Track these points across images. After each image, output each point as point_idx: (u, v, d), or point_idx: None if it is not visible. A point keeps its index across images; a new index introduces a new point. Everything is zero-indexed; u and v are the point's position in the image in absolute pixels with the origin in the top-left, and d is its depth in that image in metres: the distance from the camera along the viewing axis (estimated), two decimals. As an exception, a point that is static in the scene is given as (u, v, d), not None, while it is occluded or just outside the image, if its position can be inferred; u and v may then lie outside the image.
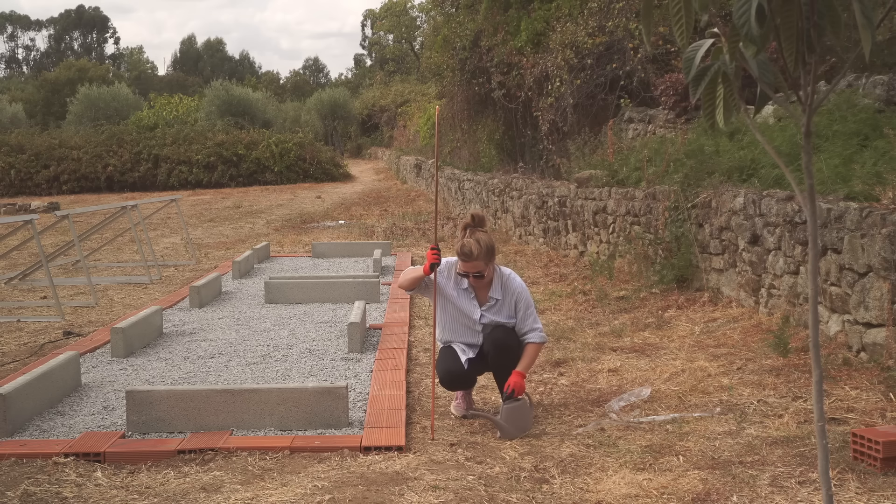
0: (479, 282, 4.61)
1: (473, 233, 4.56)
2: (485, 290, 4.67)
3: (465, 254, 4.50)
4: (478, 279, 4.59)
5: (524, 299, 4.68)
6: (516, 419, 4.42)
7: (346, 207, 19.63)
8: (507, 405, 4.42)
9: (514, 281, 4.71)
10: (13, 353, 6.54)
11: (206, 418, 4.43)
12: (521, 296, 4.68)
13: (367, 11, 67.37)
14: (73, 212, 9.60)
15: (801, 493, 3.50)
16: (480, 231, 4.59)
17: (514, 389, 4.46)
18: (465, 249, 4.50)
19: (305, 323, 7.22)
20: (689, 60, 2.16)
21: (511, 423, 4.40)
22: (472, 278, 4.58)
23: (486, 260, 4.53)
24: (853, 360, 5.06)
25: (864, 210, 5.11)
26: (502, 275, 4.70)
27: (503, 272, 4.71)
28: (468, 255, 4.50)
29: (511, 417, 4.41)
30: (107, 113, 40.87)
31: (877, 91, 7.85)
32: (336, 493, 3.57)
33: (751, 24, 1.94)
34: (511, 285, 4.68)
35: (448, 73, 16.89)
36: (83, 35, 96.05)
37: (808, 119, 2.19)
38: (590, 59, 12.35)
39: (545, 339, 4.74)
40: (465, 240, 4.54)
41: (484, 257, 4.51)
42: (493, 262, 4.62)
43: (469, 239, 4.53)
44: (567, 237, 10.58)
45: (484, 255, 4.51)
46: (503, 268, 4.75)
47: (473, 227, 4.59)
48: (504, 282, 4.67)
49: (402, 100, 38.86)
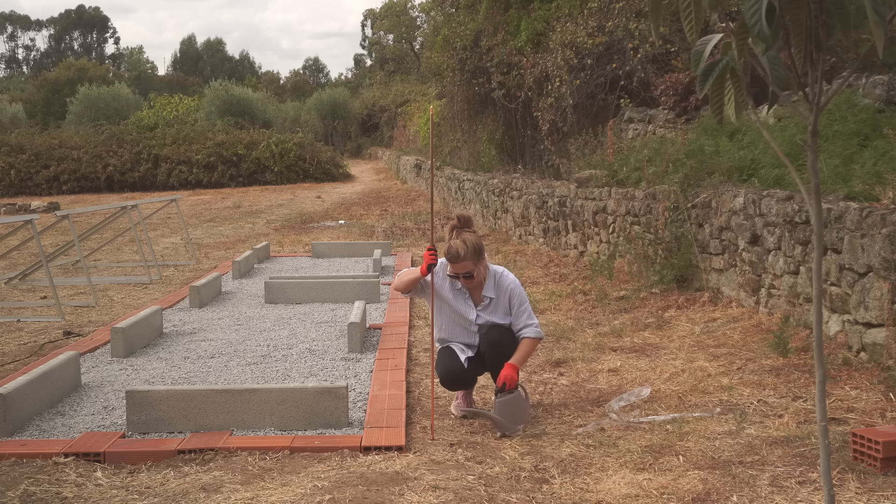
0: (470, 282, 4.61)
1: (460, 234, 4.57)
2: (478, 290, 4.68)
3: (453, 255, 4.51)
4: (468, 280, 4.59)
5: (518, 295, 4.68)
6: (511, 412, 4.42)
7: (346, 207, 19.63)
8: (499, 398, 4.43)
9: (507, 278, 4.71)
10: (13, 353, 6.54)
11: (206, 418, 4.43)
12: (515, 292, 4.68)
13: (368, 11, 67.40)
14: (73, 212, 9.61)
15: (801, 493, 3.50)
16: (468, 232, 4.59)
17: (505, 382, 4.45)
18: (452, 251, 4.51)
19: (305, 323, 7.22)
20: (697, 54, 2.16)
21: (506, 416, 4.40)
22: (463, 279, 4.59)
23: (475, 260, 4.53)
24: (853, 360, 5.06)
25: (864, 210, 5.11)
26: (495, 273, 4.70)
27: (496, 270, 4.72)
28: (455, 257, 4.51)
29: (505, 411, 4.41)
30: (107, 113, 40.89)
31: (877, 91, 7.85)
32: (336, 493, 3.57)
33: (761, 21, 1.94)
34: (504, 282, 4.68)
35: (448, 73, 16.89)
36: (83, 35, 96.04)
37: (815, 118, 2.18)
38: (590, 59, 12.35)
39: (541, 334, 4.72)
40: (452, 241, 4.55)
41: (472, 257, 4.51)
42: (482, 261, 4.61)
43: (456, 241, 4.54)
44: (567, 237, 10.58)
45: (472, 255, 4.51)
46: (496, 266, 4.76)
47: (460, 228, 4.61)
48: (497, 280, 4.68)
49: (402, 100, 38.85)
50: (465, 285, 4.64)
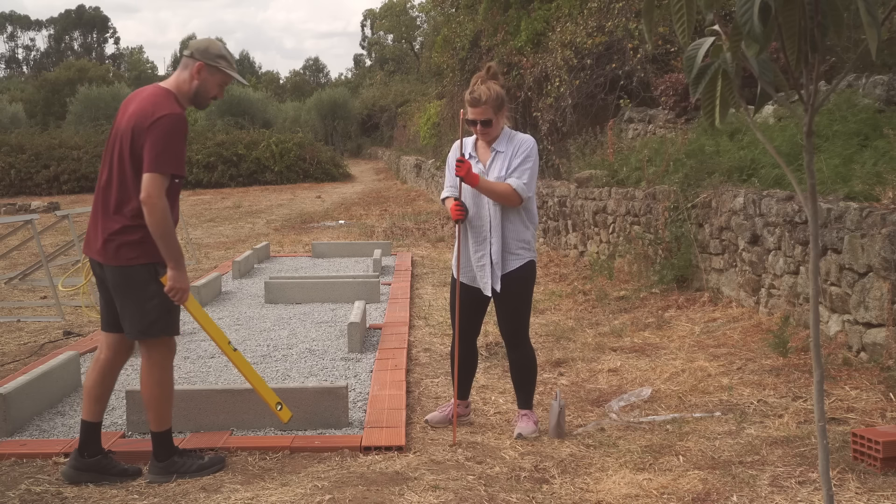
0: (486, 132, 4.36)
1: (486, 82, 4.35)
2: (488, 150, 4.43)
3: (475, 98, 4.29)
4: (486, 128, 4.34)
5: (525, 151, 4.34)
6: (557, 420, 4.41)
7: (346, 207, 19.63)
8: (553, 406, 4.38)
9: (526, 138, 4.44)
10: (13, 353, 6.54)
11: (206, 418, 4.43)
12: (524, 146, 4.35)
13: (367, 11, 67.35)
14: (73, 212, 9.61)
15: (801, 493, 3.50)
16: (494, 82, 4.37)
17: (462, 177, 4.22)
18: (475, 94, 4.29)
19: (305, 323, 7.22)
20: (690, 59, 2.16)
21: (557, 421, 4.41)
22: (480, 126, 4.34)
23: (495, 108, 4.31)
24: (853, 360, 5.06)
25: (864, 210, 5.11)
26: (514, 133, 4.45)
27: (515, 132, 4.47)
28: (477, 101, 4.28)
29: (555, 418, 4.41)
30: (107, 113, 40.75)
31: (877, 91, 7.86)
32: (336, 493, 3.57)
33: (753, 22, 1.94)
34: (520, 137, 4.41)
35: (448, 73, 16.91)
36: (83, 35, 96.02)
37: (810, 118, 2.19)
38: (589, 59, 12.35)
39: (525, 193, 4.28)
40: (476, 86, 4.33)
41: (493, 103, 4.29)
42: (502, 114, 4.39)
43: (480, 85, 4.32)
44: (567, 237, 10.58)
45: (493, 101, 4.28)
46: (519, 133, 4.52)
47: (487, 78, 4.37)
48: (511, 136, 4.42)
49: (402, 100, 38.81)
50: (481, 136, 4.41)
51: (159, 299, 3.79)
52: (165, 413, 3.88)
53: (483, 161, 4.43)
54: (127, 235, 3.73)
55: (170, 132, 3.67)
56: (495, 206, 4.35)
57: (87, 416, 3.89)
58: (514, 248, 4.38)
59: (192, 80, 3.86)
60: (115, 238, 3.74)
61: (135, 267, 3.75)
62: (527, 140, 4.42)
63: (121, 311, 3.82)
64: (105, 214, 3.78)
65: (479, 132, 4.39)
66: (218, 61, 3.91)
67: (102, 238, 3.77)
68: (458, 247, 4.48)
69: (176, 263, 3.79)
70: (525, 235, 4.41)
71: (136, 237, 3.73)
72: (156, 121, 3.66)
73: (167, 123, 3.67)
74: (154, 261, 3.78)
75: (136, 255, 3.74)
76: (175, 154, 3.70)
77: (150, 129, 3.66)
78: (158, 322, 3.81)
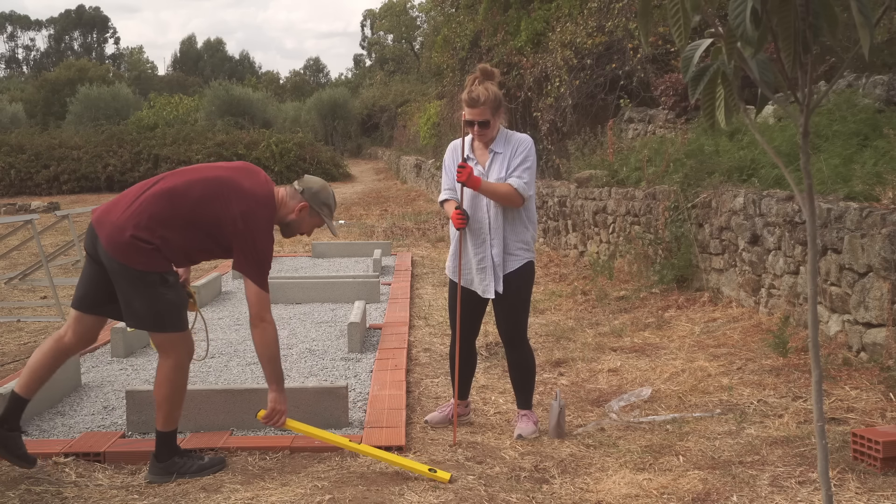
0: (484, 133, 4.36)
1: (482, 83, 4.37)
2: (486, 152, 4.44)
3: (473, 99, 4.30)
4: (483, 129, 4.34)
5: (524, 151, 4.35)
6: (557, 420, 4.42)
7: (346, 207, 19.63)
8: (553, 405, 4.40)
9: (524, 138, 4.45)
10: (13, 353, 6.54)
11: (206, 418, 4.43)
12: (523, 146, 4.37)
13: (367, 11, 67.32)
14: (73, 212, 9.61)
15: (801, 493, 3.50)
16: (491, 83, 4.39)
17: (463, 182, 4.26)
18: (473, 95, 4.30)
19: (305, 323, 7.22)
20: (687, 60, 2.16)
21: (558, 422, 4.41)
22: (478, 128, 4.34)
23: (493, 108, 4.32)
24: (853, 360, 5.06)
25: (864, 210, 5.11)
26: (511, 133, 4.46)
27: (512, 132, 4.49)
28: (475, 101, 4.29)
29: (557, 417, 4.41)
30: (107, 113, 40.84)
31: (877, 91, 7.85)
32: (336, 493, 3.57)
33: (745, 24, 1.94)
34: (517, 137, 4.43)
35: (448, 73, 16.91)
36: (83, 35, 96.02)
37: (806, 119, 2.19)
38: (589, 60, 12.36)
39: (526, 192, 4.30)
40: (473, 86, 4.35)
41: (491, 104, 4.30)
42: (500, 115, 4.40)
43: (478, 87, 4.33)
44: (567, 237, 10.58)
45: (491, 102, 4.30)
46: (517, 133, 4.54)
47: (482, 79, 4.39)
48: (508, 136, 4.43)
49: (402, 100, 38.80)
50: (479, 137, 4.41)
51: (169, 296, 3.77)
52: (175, 414, 3.88)
53: (482, 163, 4.43)
54: (146, 244, 3.69)
55: (269, 249, 3.84)
56: (495, 207, 4.36)
57: (21, 390, 3.85)
58: (514, 249, 4.39)
59: (291, 213, 3.98)
60: (134, 242, 3.67)
61: (147, 272, 3.72)
62: (524, 139, 4.43)
63: (125, 306, 3.79)
64: (138, 215, 3.70)
65: (477, 133, 4.39)
66: (321, 208, 4.06)
67: (121, 232, 3.68)
68: (458, 250, 4.48)
69: (279, 386, 3.89)
70: (525, 236, 4.41)
71: (152, 246, 3.70)
72: (262, 232, 3.78)
73: (269, 239, 3.81)
74: (163, 270, 3.75)
75: (147, 262, 3.70)
76: (268, 264, 3.86)
77: (255, 233, 3.75)
78: (167, 316, 3.80)
